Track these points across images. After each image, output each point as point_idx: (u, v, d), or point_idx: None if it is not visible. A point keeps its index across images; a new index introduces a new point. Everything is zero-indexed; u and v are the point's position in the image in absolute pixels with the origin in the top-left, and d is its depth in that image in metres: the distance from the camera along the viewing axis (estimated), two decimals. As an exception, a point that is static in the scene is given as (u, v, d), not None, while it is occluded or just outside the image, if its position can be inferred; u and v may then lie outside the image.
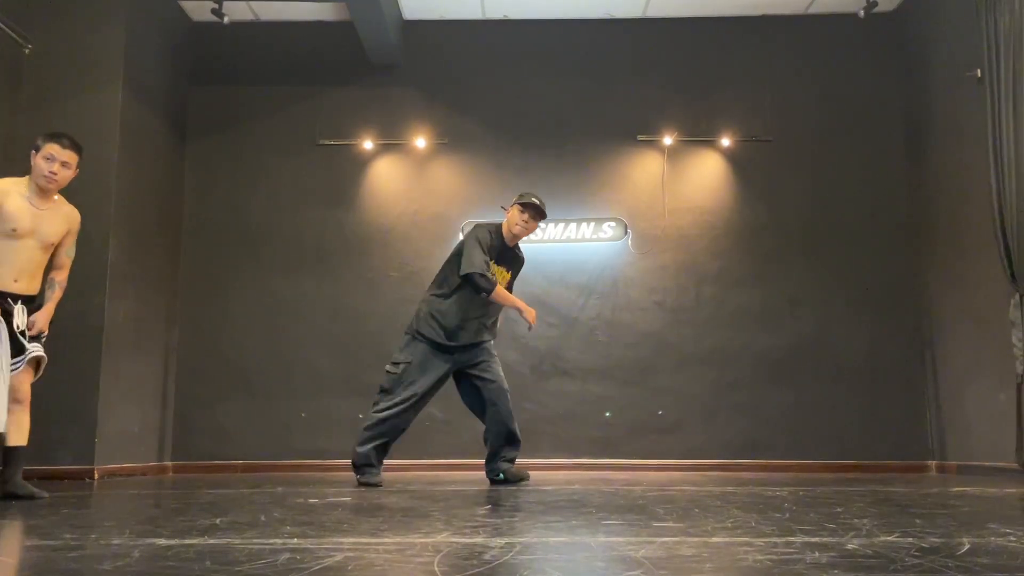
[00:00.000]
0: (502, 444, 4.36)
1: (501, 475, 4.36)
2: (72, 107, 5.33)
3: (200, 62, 6.48)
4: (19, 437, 3.44)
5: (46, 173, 3.51)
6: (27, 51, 5.30)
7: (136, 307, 5.54)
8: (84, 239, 5.17)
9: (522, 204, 4.34)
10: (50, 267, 3.68)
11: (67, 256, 3.73)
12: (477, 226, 4.38)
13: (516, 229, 4.34)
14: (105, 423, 5.13)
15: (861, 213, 6.19)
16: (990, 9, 4.96)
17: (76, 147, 3.61)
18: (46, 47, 5.34)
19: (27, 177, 3.58)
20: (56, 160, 3.53)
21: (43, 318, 3.58)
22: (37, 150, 3.56)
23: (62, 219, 3.65)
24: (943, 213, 5.77)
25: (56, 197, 3.63)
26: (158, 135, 5.95)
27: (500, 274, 4.35)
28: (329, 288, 6.21)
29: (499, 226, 4.39)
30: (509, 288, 4.48)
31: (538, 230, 6.11)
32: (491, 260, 4.29)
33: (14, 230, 3.46)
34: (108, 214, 5.24)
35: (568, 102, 6.41)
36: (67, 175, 3.59)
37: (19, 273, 3.50)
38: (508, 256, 4.42)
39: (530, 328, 4.37)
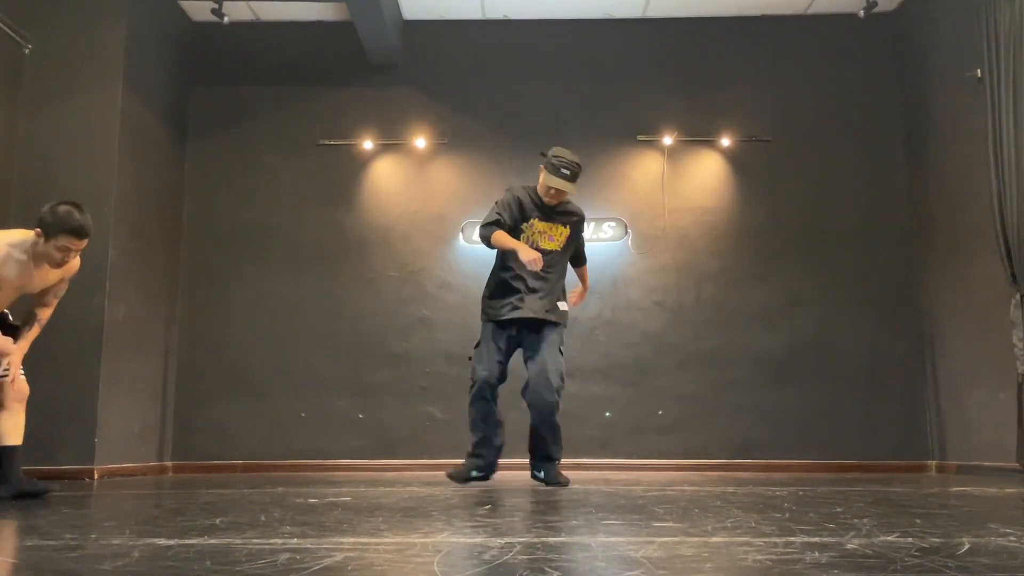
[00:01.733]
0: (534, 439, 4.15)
1: (541, 473, 4.18)
2: (72, 107, 5.33)
3: (200, 62, 6.48)
4: (16, 436, 3.37)
5: (58, 261, 3.29)
6: (27, 51, 5.30)
7: (136, 307, 5.54)
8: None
9: (549, 170, 4.00)
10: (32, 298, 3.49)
11: (55, 296, 3.53)
12: (509, 187, 4.23)
13: (546, 198, 4.10)
14: (105, 423, 5.13)
15: (861, 213, 6.19)
16: (990, 9, 4.96)
17: (91, 230, 3.33)
18: (46, 47, 5.34)
19: (30, 238, 3.28)
20: (72, 251, 3.30)
21: (18, 356, 3.38)
22: (47, 231, 3.21)
23: (59, 272, 3.43)
24: (943, 213, 5.77)
25: None
26: (158, 135, 5.95)
27: (551, 230, 4.12)
28: (329, 288, 6.21)
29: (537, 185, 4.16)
30: (572, 246, 4.20)
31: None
32: (533, 218, 4.08)
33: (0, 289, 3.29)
34: (108, 214, 5.24)
35: (568, 102, 6.41)
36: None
37: None
38: (554, 214, 4.14)
39: (531, 271, 3.94)
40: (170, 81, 6.15)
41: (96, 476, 4.99)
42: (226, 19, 6.03)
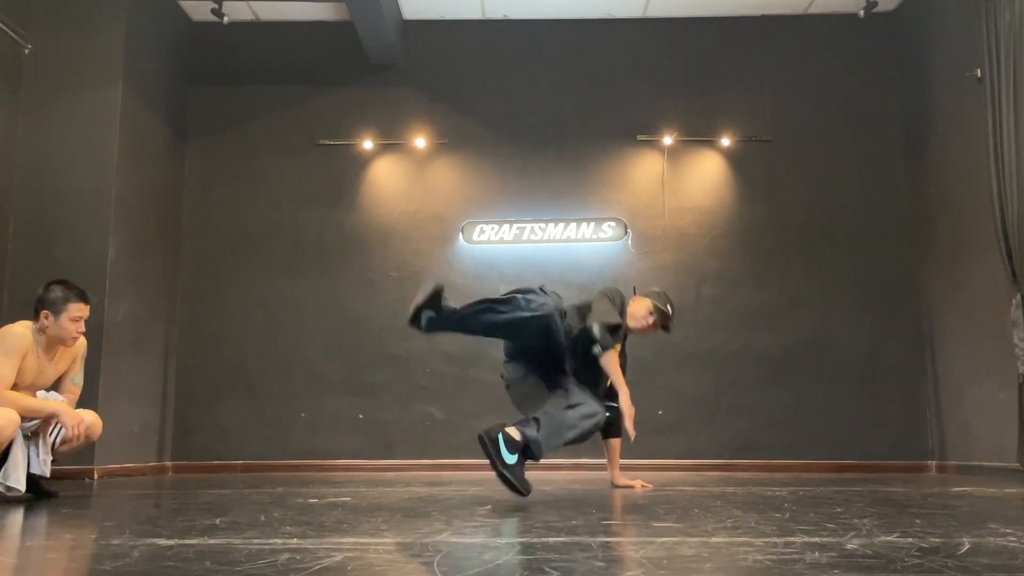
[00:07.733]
0: None
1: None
2: (72, 107, 5.33)
3: (200, 62, 6.48)
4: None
5: (74, 334, 3.37)
6: (27, 51, 5.30)
7: (136, 307, 5.54)
8: (84, 239, 5.21)
9: (655, 306, 3.95)
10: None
11: (74, 384, 3.56)
12: (616, 289, 3.96)
13: (634, 324, 3.98)
14: (105, 423, 5.10)
15: (861, 213, 6.18)
16: (990, 9, 4.96)
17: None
18: (46, 47, 5.34)
19: (35, 328, 3.35)
20: (82, 319, 3.38)
21: (67, 411, 3.32)
22: (55, 308, 3.32)
23: (68, 359, 3.50)
24: (943, 213, 5.77)
25: None
26: (158, 135, 5.95)
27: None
28: (329, 288, 6.21)
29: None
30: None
31: (538, 230, 6.17)
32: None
33: (16, 385, 3.28)
34: (108, 214, 5.24)
35: (568, 102, 6.40)
36: None
37: None
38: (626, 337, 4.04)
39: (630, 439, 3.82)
40: (170, 81, 6.15)
41: (96, 476, 4.98)
42: (226, 19, 6.03)
